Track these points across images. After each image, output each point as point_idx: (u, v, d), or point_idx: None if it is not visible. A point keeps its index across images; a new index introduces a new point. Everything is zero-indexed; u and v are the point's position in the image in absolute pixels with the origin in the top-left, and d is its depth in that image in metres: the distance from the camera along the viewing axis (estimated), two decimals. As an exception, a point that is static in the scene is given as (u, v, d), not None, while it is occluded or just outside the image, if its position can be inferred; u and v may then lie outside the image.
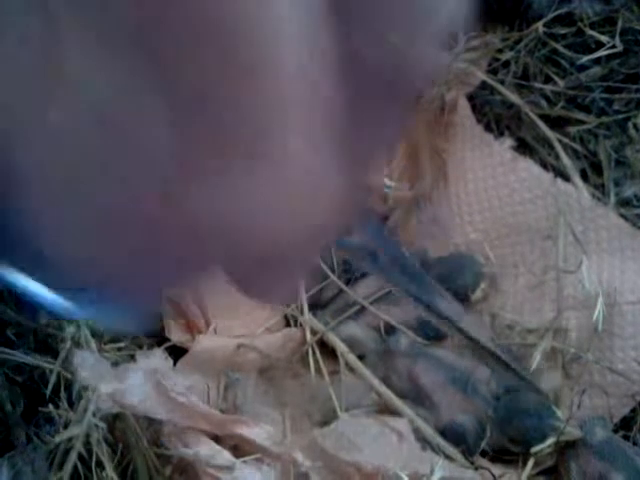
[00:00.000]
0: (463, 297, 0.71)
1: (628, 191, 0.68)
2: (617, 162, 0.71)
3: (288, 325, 0.70)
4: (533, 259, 0.73)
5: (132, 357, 0.55)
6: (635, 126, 0.69)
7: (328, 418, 0.61)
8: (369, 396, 0.65)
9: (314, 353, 0.67)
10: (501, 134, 0.77)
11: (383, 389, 0.63)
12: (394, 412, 0.63)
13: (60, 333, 0.48)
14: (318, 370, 0.66)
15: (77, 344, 0.48)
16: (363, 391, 0.65)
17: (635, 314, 0.66)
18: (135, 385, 0.46)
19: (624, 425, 0.68)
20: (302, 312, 0.68)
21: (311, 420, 0.61)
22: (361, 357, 0.67)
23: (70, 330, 0.46)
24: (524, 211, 0.74)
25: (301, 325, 0.69)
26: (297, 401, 0.61)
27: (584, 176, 0.74)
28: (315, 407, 0.61)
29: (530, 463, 0.65)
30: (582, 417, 0.64)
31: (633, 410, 0.68)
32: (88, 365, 0.43)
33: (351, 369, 0.66)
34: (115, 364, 0.50)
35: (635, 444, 0.66)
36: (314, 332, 0.67)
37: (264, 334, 0.66)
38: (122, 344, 0.58)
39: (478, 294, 0.71)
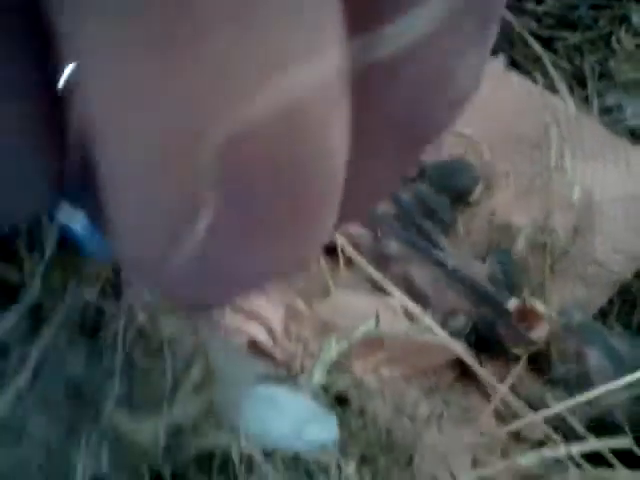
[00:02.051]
0: (462, 199, 0.76)
1: (610, 100, 0.74)
2: (600, 75, 0.76)
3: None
4: (523, 168, 0.79)
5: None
6: (618, 40, 0.74)
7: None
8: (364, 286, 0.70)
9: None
10: (494, 53, 0.82)
11: (378, 276, 0.69)
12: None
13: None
14: (317, 264, 0.72)
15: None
16: (359, 282, 0.71)
17: (615, 210, 0.72)
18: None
19: (602, 315, 0.73)
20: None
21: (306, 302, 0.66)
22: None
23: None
24: (514, 122, 0.79)
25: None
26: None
27: (570, 90, 0.79)
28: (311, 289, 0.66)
29: (524, 357, 0.71)
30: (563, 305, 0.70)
31: (610, 302, 0.74)
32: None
33: (348, 262, 0.71)
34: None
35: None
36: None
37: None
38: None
39: (476, 196, 0.77)
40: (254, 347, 0.53)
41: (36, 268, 0.34)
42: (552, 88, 0.79)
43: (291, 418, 0.44)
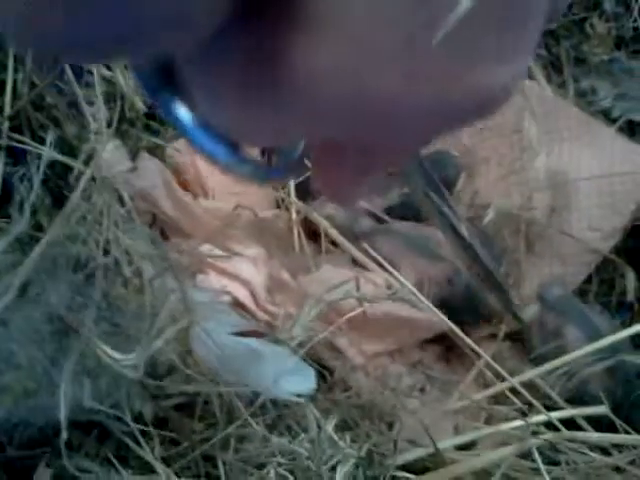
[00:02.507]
0: (447, 188, 0.78)
1: (584, 84, 0.76)
2: (576, 59, 0.78)
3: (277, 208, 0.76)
4: (503, 152, 0.80)
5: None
6: (592, 25, 0.76)
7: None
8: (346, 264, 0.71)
9: (299, 233, 0.74)
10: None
11: (358, 254, 0.70)
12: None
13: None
14: (301, 248, 0.73)
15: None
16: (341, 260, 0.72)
17: (589, 189, 0.73)
18: (148, 172, 0.52)
19: (581, 295, 0.75)
20: (290, 195, 0.75)
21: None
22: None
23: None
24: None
25: (287, 209, 0.75)
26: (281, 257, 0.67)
27: (547, 77, 0.81)
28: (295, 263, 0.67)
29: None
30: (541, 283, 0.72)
31: (589, 281, 0.75)
32: (108, 149, 0.50)
33: (331, 243, 0.72)
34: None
35: (590, 309, 0.73)
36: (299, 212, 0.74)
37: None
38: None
39: (460, 185, 0.78)
40: (237, 307, 0.54)
41: (25, 203, 0.35)
42: (529, 75, 0.81)
43: (271, 369, 0.45)
